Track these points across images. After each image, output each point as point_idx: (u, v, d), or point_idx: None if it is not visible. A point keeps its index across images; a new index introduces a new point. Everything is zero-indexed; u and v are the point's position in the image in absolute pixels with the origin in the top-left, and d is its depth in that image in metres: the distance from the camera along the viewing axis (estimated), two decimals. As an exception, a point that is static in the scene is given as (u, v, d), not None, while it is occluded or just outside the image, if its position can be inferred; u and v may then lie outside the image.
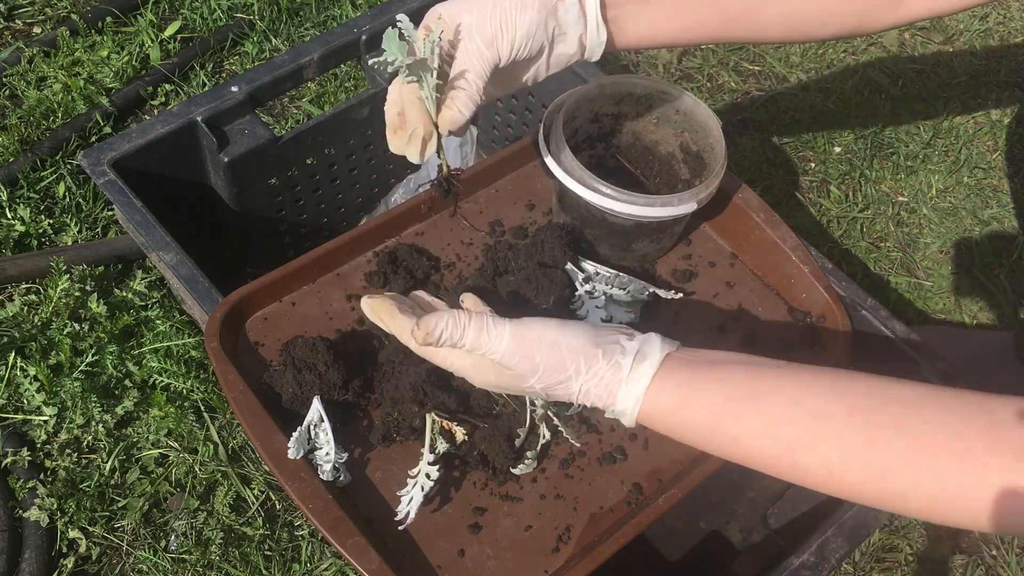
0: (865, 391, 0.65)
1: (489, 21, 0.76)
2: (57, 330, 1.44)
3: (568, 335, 0.72)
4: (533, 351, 0.71)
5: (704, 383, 0.70)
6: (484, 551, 0.85)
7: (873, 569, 1.40)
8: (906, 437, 0.62)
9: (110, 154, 1.18)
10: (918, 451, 0.61)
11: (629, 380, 0.71)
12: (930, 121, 1.95)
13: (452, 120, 0.78)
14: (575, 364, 0.71)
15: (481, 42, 0.76)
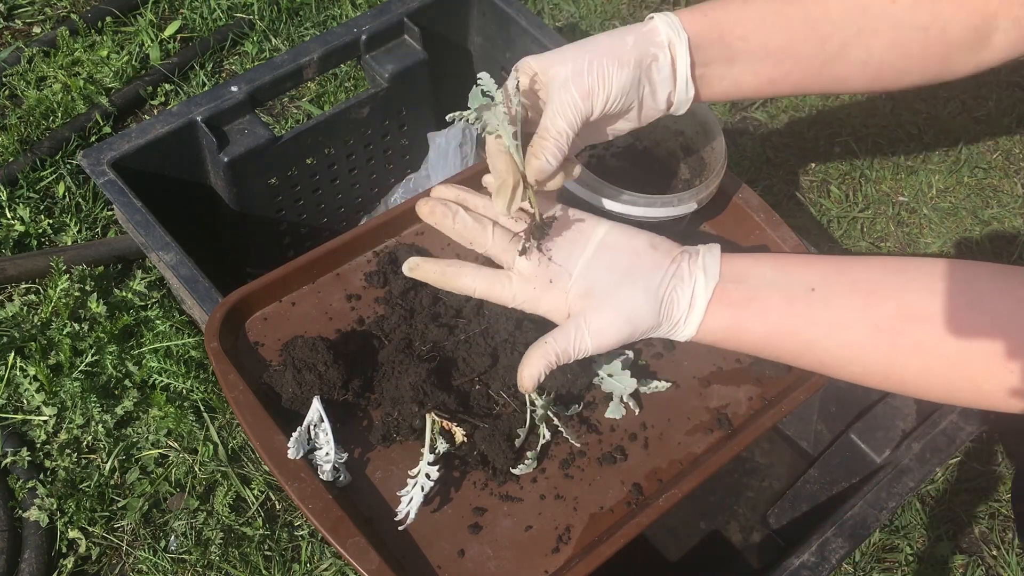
0: (895, 312, 0.73)
1: (586, 74, 0.78)
2: (57, 330, 1.44)
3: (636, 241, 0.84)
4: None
5: (746, 322, 0.80)
6: (484, 551, 0.85)
7: (873, 569, 1.40)
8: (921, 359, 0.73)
9: (110, 154, 1.18)
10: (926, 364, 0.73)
11: (689, 312, 0.81)
12: (930, 121, 1.94)
13: (540, 170, 0.79)
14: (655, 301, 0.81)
15: (577, 94, 0.78)
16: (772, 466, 1.26)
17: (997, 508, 1.48)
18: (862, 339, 0.75)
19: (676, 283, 0.82)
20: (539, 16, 1.74)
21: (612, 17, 2.08)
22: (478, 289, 0.83)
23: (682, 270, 0.82)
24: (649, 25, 0.82)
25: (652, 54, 0.81)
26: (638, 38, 0.80)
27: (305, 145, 1.33)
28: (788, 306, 0.78)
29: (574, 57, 0.79)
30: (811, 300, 0.77)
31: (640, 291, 0.81)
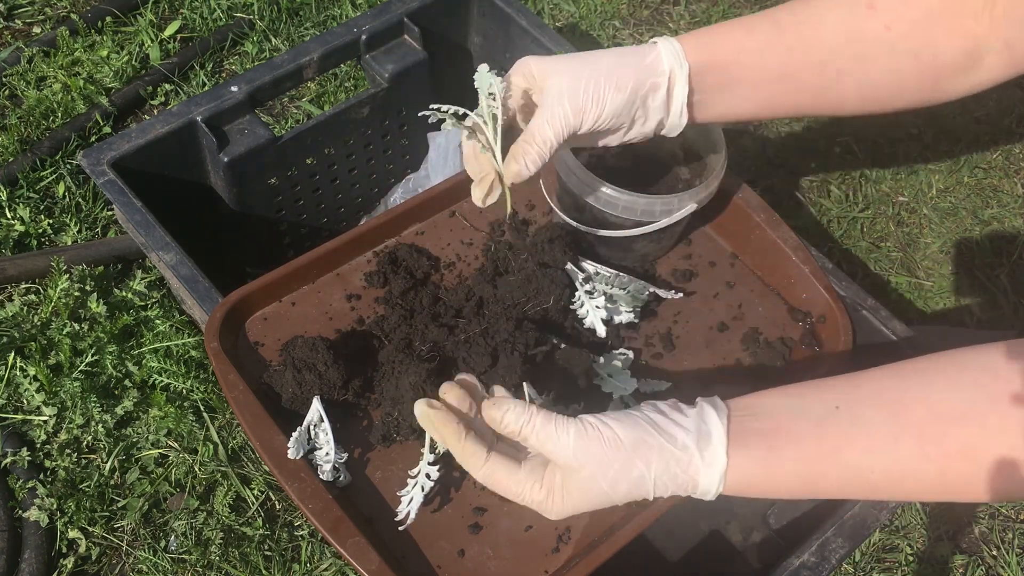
0: (927, 416, 0.68)
1: (582, 91, 0.78)
2: (57, 330, 1.44)
3: (625, 428, 0.71)
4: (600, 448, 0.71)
5: (780, 450, 0.71)
6: (484, 551, 0.85)
7: (873, 569, 1.40)
8: (972, 461, 0.67)
9: (110, 154, 1.17)
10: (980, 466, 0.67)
11: (705, 464, 0.71)
12: (930, 121, 1.94)
13: (517, 174, 0.80)
14: (641, 459, 0.71)
15: (569, 108, 0.78)
16: (772, 466, 1.26)
17: (997, 508, 1.48)
18: (907, 450, 0.68)
19: (670, 429, 0.72)
20: (539, 16, 1.74)
21: (612, 17, 2.08)
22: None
23: (676, 414, 0.74)
24: (653, 53, 0.82)
25: (652, 83, 0.81)
26: (640, 64, 0.81)
27: (305, 145, 1.33)
28: (819, 428, 0.70)
29: (574, 70, 0.79)
30: (839, 419, 0.70)
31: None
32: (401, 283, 1.00)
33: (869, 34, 0.81)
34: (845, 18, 0.82)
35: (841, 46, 0.82)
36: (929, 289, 1.71)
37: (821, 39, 0.82)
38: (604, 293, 0.98)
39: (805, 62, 0.83)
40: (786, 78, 0.84)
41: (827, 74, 0.84)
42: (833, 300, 1.02)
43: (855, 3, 0.81)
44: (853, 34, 0.82)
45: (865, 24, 0.81)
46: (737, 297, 1.06)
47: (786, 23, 0.83)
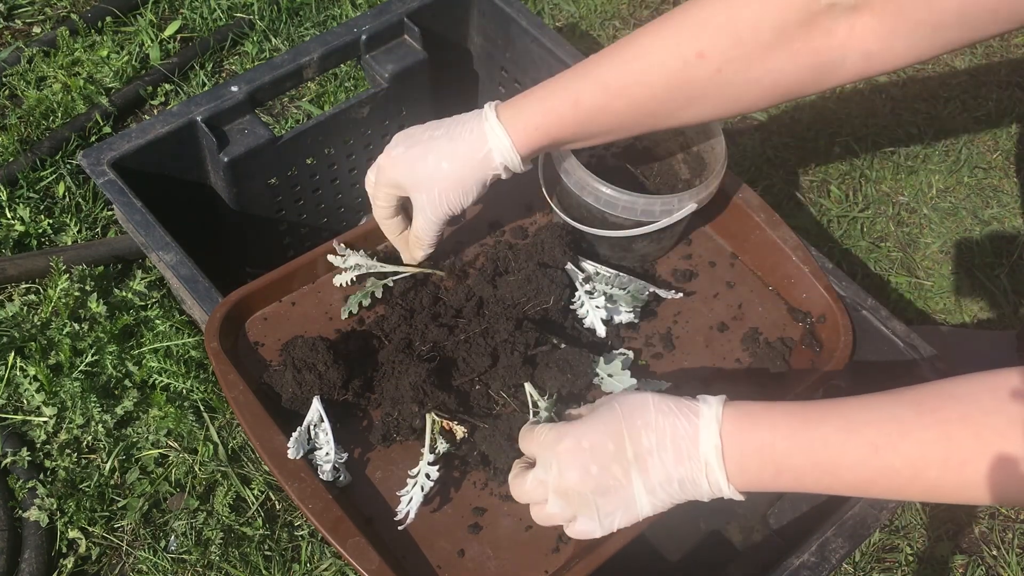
0: (925, 393, 0.70)
1: (439, 204, 0.92)
2: (57, 330, 1.44)
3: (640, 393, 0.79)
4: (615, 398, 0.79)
5: (776, 403, 0.75)
6: (484, 551, 0.85)
7: (873, 569, 1.40)
8: (973, 427, 0.67)
9: (110, 154, 1.17)
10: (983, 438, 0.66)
11: (704, 402, 0.76)
12: (930, 121, 1.94)
13: (416, 259, 0.99)
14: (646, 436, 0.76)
15: (433, 217, 0.93)
16: (772, 466, 1.26)
17: (997, 508, 1.48)
18: (904, 412, 0.70)
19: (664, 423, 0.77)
20: (539, 16, 1.74)
21: (612, 17, 2.08)
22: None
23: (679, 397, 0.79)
24: (483, 152, 0.89)
25: (489, 177, 0.91)
26: (476, 168, 0.90)
27: (305, 145, 1.33)
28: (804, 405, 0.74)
29: (427, 187, 0.91)
30: (834, 399, 0.74)
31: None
32: (401, 283, 1.00)
33: (700, 79, 0.82)
34: (674, 70, 0.83)
35: (671, 94, 0.84)
36: (929, 289, 1.71)
37: (651, 95, 0.84)
38: (604, 293, 0.98)
39: (636, 115, 0.87)
40: (618, 130, 0.90)
41: (659, 116, 0.87)
42: (833, 300, 1.02)
43: (686, 52, 0.82)
44: (683, 82, 0.83)
45: (695, 72, 0.82)
46: (737, 297, 1.06)
47: (613, 89, 0.85)
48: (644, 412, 0.76)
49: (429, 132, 0.93)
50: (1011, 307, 1.68)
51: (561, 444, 0.77)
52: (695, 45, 0.81)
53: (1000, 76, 2.04)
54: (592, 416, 0.79)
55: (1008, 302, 1.68)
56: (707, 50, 0.81)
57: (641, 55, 0.84)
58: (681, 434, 0.75)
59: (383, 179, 0.95)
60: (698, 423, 0.75)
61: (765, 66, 0.81)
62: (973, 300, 1.70)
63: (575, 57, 1.32)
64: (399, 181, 0.93)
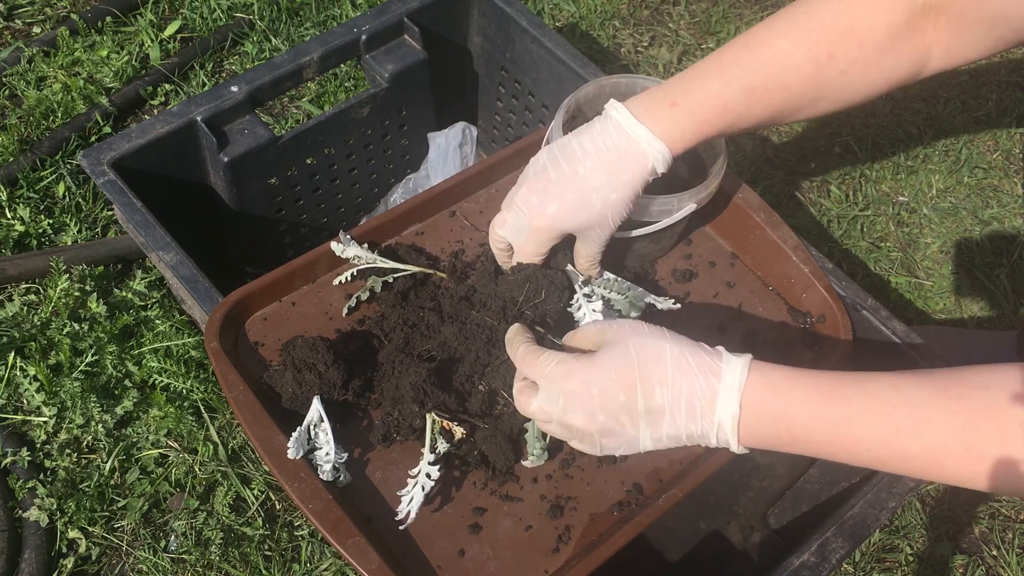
0: (951, 379, 0.70)
1: (610, 227, 0.90)
2: (57, 330, 1.44)
3: (659, 331, 0.78)
4: (635, 323, 0.79)
5: (805, 373, 0.74)
6: (484, 551, 0.85)
7: (873, 569, 1.40)
8: (998, 421, 0.66)
9: (110, 154, 1.17)
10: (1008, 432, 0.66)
11: (727, 356, 0.75)
12: (930, 121, 1.95)
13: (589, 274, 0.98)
14: (670, 338, 0.76)
15: (606, 238, 0.92)
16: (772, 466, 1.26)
17: (997, 508, 1.48)
18: (931, 399, 0.70)
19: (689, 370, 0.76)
20: (539, 16, 1.74)
21: (612, 17, 2.08)
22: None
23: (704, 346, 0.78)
24: (647, 166, 0.88)
25: (646, 182, 0.89)
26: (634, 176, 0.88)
27: (305, 145, 1.33)
28: (843, 372, 0.74)
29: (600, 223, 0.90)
30: (863, 373, 0.73)
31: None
32: (401, 283, 1.00)
33: (827, 80, 0.87)
34: (809, 72, 0.87)
35: (802, 95, 0.89)
36: (929, 289, 1.71)
37: (787, 96, 0.88)
38: (602, 297, 0.98)
39: (767, 117, 0.90)
40: (745, 130, 0.91)
41: (783, 115, 0.91)
42: (833, 300, 1.02)
43: (819, 54, 0.86)
44: (814, 83, 0.88)
45: (826, 73, 0.87)
46: (737, 297, 1.06)
47: (757, 93, 0.87)
48: (660, 365, 0.74)
49: (572, 168, 0.89)
50: (1011, 307, 1.68)
51: (568, 383, 0.76)
52: (826, 48, 0.85)
53: (1000, 76, 2.04)
54: (603, 358, 0.76)
55: (1008, 302, 1.68)
56: (836, 52, 0.85)
57: (779, 58, 0.87)
58: (698, 395, 0.74)
59: (542, 238, 0.91)
60: (718, 387, 0.73)
61: (879, 66, 0.87)
62: (973, 300, 1.70)
63: (575, 57, 1.32)
64: (564, 230, 0.91)
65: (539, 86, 1.41)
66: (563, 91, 1.36)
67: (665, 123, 0.87)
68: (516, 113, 1.51)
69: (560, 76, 1.36)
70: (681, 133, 0.87)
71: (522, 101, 1.48)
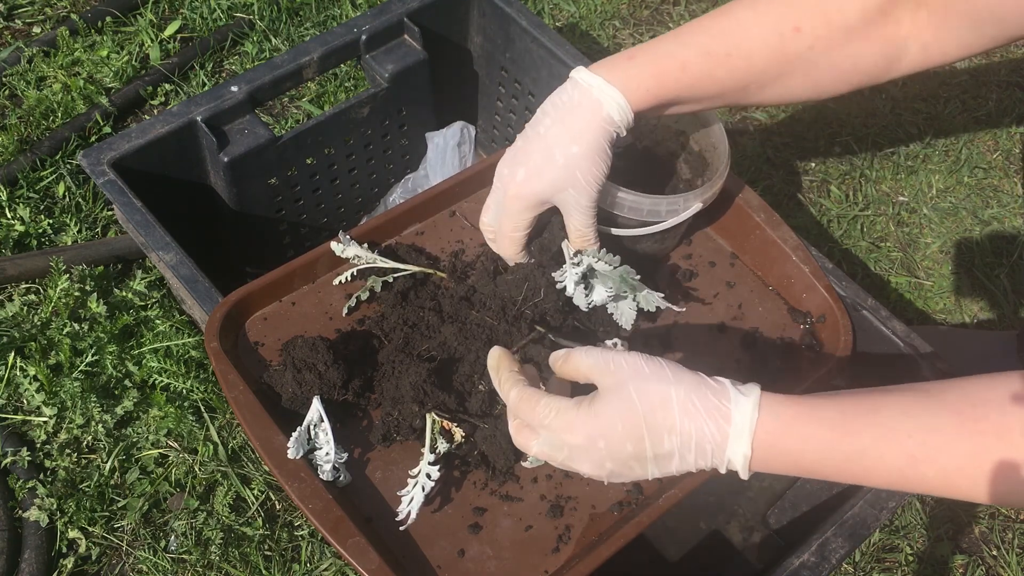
0: (961, 398, 0.69)
1: (586, 187, 0.88)
2: (57, 330, 1.44)
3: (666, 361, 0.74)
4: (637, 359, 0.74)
5: (815, 403, 0.72)
6: (484, 551, 0.85)
7: (873, 569, 1.40)
8: (1009, 442, 0.66)
9: (110, 154, 1.17)
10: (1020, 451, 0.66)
11: (737, 391, 0.72)
12: (930, 121, 1.94)
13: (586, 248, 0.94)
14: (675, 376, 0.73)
15: (587, 203, 0.89)
16: (772, 466, 1.26)
17: (997, 508, 1.48)
18: (946, 422, 0.68)
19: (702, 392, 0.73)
20: (539, 16, 1.74)
21: (612, 17, 2.08)
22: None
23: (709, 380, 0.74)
24: (603, 114, 0.86)
25: (612, 138, 0.88)
26: (599, 135, 0.87)
27: (305, 145, 1.33)
28: (854, 397, 0.72)
29: (571, 181, 0.88)
30: (875, 393, 0.72)
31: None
32: (401, 283, 1.00)
33: (793, 55, 0.86)
34: (772, 42, 0.86)
35: (767, 70, 0.88)
36: (929, 289, 1.71)
37: (749, 66, 0.87)
38: (590, 266, 0.94)
39: (733, 85, 0.89)
40: (714, 99, 0.90)
41: (750, 90, 0.90)
42: (833, 300, 1.02)
43: (783, 27, 0.86)
44: (778, 56, 0.87)
45: (790, 46, 0.86)
46: (737, 297, 1.06)
47: (718, 56, 0.87)
48: (667, 413, 0.71)
49: (534, 131, 0.89)
50: (1011, 307, 1.68)
51: (572, 437, 0.73)
52: (792, 20, 0.85)
53: (1000, 76, 2.04)
54: (605, 408, 0.72)
55: (1008, 302, 1.68)
56: (802, 26, 0.85)
57: (741, 27, 0.87)
58: (708, 438, 0.71)
59: (517, 208, 0.91)
60: (728, 431, 0.71)
61: (847, 50, 0.86)
62: (973, 300, 1.70)
63: (575, 57, 1.32)
64: (538, 196, 0.89)
65: (539, 86, 1.41)
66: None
67: (620, 73, 0.86)
68: (516, 113, 1.51)
69: (560, 76, 1.35)
70: (637, 83, 0.86)
71: (522, 101, 1.48)
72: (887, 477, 0.70)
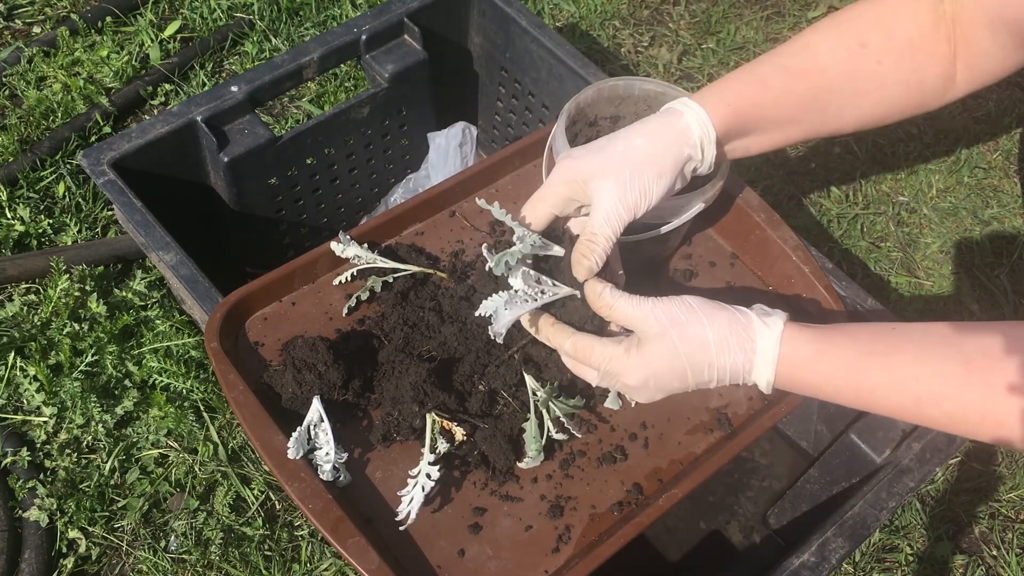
0: (977, 349, 0.73)
1: (629, 190, 0.84)
2: (57, 330, 1.44)
3: (697, 298, 0.82)
4: (674, 309, 0.81)
5: (834, 340, 0.79)
6: (484, 551, 0.85)
7: (873, 569, 1.40)
8: (1014, 398, 0.70)
9: (110, 154, 1.18)
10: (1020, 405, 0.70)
11: (764, 325, 0.80)
12: (930, 121, 1.94)
13: (588, 269, 0.85)
14: (707, 318, 0.80)
15: (621, 207, 0.84)
16: (772, 466, 1.26)
17: (997, 508, 1.48)
18: (954, 369, 0.73)
19: (737, 308, 0.82)
20: (539, 16, 1.74)
21: (612, 17, 2.08)
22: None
23: (737, 315, 0.82)
24: (681, 125, 0.87)
25: (687, 156, 0.88)
26: (673, 142, 0.87)
27: (305, 145, 1.33)
28: (873, 334, 0.78)
29: (616, 171, 0.84)
30: (895, 333, 0.78)
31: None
32: (401, 283, 1.00)
33: (864, 71, 0.89)
34: (843, 58, 0.89)
35: (842, 85, 0.90)
36: (929, 289, 1.71)
37: (827, 82, 0.90)
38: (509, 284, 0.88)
39: (813, 105, 0.91)
40: (795, 121, 0.92)
41: (829, 111, 0.92)
42: (833, 300, 1.02)
43: (850, 43, 0.89)
44: (851, 72, 0.89)
45: (860, 63, 0.89)
46: (737, 297, 1.06)
47: (794, 70, 0.90)
48: (706, 352, 0.80)
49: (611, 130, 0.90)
50: (1011, 307, 1.68)
51: (627, 379, 0.82)
52: (857, 37, 0.89)
53: (1000, 76, 2.03)
54: (654, 355, 0.80)
55: (1008, 302, 1.68)
56: (867, 41, 0.88)
57: (812, 46, 0.90)
58: (739, 367, 0.81)
59: (556, 178, 0.86)
60: (753, 359, 0.80)
61: (912, 63, 0.89)
62: (973, 300, 1.70)
63: (575, 57, 1.32)
64: (580, 172, 0.84)
65: (539, 86, 1.41)
66: (563, 91, 1.36)
67: (703, 93, 0.89)
68: (516, 113, 1.51)
69: (560, 76, 1.36)
70: (718, 98, 0.88)
71: (522, 101, 1.48)
72: (896, 412, 0.78)
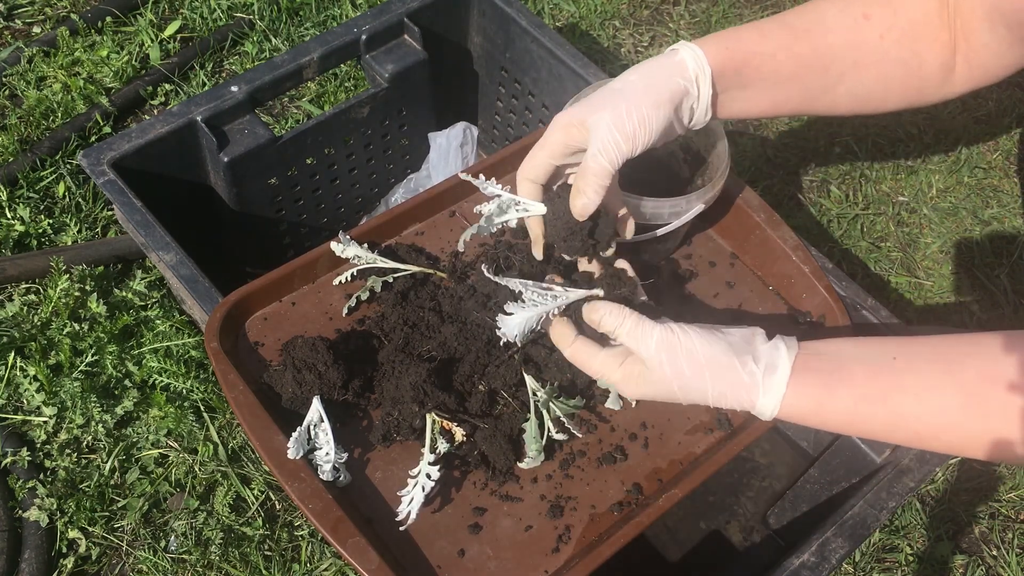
0: (976, 376, 0.75)
1: (627, 119, 0.82)
2: (57, 330, 1.44)
3: (704, 343, 0.81)
4: (678, 355, 0.80)
5: (833, 389, 0.80)
6: (484, 551, 0.85)
7: (873, 569, 1.40)
8: (1012, 423, 0.72)
9: (110, 154, 1.18)
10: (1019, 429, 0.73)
11: (765, 390, 0.80)
12: (930, 121, 1.94)
13: (584, 208, 0.83)
14: (711, 372, 0.80)
15: (620, 137, 0.82)
16: (772, 466, 1.26)
17: (997, 508, 1.48)
18: (953, 403, 0.75)
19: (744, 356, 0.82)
20: (539, 16, 1.74)
21: (612, 17, 2.08)
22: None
23: (754, 342, 0.83)
24: (676, 59, 0.86)
25: (683, 89, 0.86)
26: (668, 74, 0.85)
27: (305, 145, 1.33)
28: (874, 373, 0.79)
29: (612, 104, 0.82)
30: (895, 368, 0.78)
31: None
32: (401, 283, 1.00)
33: (866, 42, 0.88)
34: (847, 26, 0.88)
35: (843, 52, 0.89)
36: (929, 289, 1.71)
37: (828, 45, 0.89)
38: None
39: (813, 66, 0.89)
40: (794, 79, 0.90)
41: (829, 77, 0.90)
42: (833, 300, 1.02)
43: (854, 13, 0.88)
44: (853, 41, 0.89)
45: (863, 33, 0.88)
46: (737, 297, 1.06)
47: (797, 28, 0.89)
48: (703, 400, 0.82)
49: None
50: (1011, 307, 1.68)
51: (625, 389, 0.84)
52: (861, 8, 0.89)
53: (1000, 76, 2.03)
54: (649, 378, 0.81)
55: (1008, 302, 1.68)
56: (871, 13, 0.88)
57: (816, 10, 0.90)
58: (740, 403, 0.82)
59: (554, 125, 0.85)
60: (755, 403, 0.81)
61: (913, 46, 0.88)
62: (973, 300, 1.70)
63: (575, 57, 1.32)
64: (576, 115, 0.83)
65: (539, 86, 1.41)
66: (563, 91, 1.36)
67: (700, 39, 0.88)
68: (516, 113, 1.51)
69: (560, 76, 1.36)
70: (716, 41, 0.87)
71: (522, 101, 1.48)
72: (891, 444, 0.84)
